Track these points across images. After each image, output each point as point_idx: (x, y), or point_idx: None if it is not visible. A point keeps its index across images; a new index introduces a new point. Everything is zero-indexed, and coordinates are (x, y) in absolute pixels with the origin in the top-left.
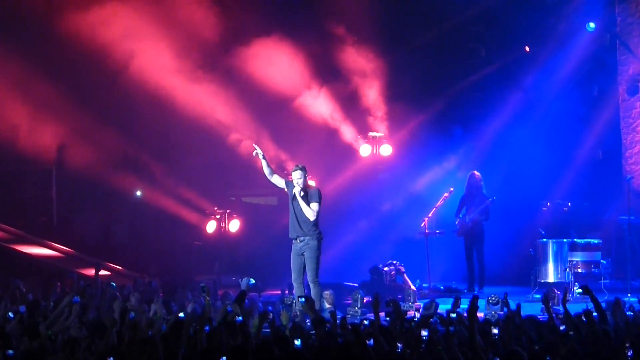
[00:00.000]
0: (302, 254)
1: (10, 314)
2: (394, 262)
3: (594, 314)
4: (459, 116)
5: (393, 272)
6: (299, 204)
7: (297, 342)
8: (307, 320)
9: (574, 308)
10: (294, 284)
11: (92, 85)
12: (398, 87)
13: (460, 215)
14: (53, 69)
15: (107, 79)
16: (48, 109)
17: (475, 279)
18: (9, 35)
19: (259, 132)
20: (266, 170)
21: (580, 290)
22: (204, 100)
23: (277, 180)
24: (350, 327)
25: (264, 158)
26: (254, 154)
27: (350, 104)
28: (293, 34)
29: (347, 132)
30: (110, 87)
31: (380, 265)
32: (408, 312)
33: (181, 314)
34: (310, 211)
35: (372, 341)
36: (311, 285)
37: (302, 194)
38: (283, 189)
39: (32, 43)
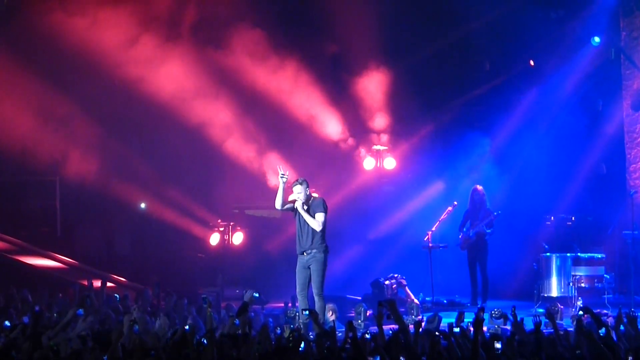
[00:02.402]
0: (308, 267)
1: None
2: (396, 275)
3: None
4: (462, 130)
5: (394, 285)
6: (303, 218)
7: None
8: (311, 333)
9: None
10: (298, 297)
11: (96, 96)
12: (402, 100)
13: (464, 229)
14: (58, 80)
15: (111, 90)
16: (52, 120)
17: (478, 292)
18: (15, 47)
19: (263, 145)
20: (280, 199)
21: (581, 312)
22: (209, 112)
23: (286, 207)
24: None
25: (284, 183)
26: (280, 175)
27: (354, 117)
28: (296, 46)
29: (351, 145)
30: (115, 98)
31: (382, 279)
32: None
33: (186, 327)
34: (315, 222)
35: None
36: (316, 299)
37: (305, 207)
38: (291, 212)
39: (37, 55)
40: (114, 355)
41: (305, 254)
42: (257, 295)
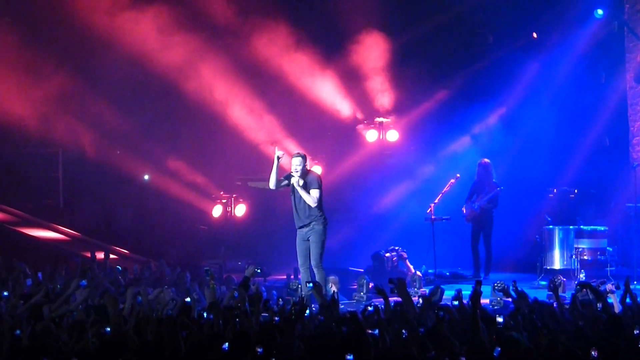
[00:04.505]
0: (308, 239)
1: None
2: (396, 248)
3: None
4: (466, 102)
5: (395, 258)
6: (299, 194)
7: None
8: (314, 305)
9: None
10: (301, 269)
11: (99, 69)
12: (405, 73)
13: (470, 202)
14: (62, 52)
15: (114, 62)
16: (55, 92)
17: (481, 265)
18: (20, 19)
19: (266, 117)
20: (274, 178)
21: (578, 287)
22: (210, 82)
23: (281, 182)
24: (349, 314)
25: (278, 160)
26: (278, 153)
27: (358, 89)
28: (299, 18)
29: (354, 118)
30: (119, 70)
31: (382, 252)
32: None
33: (187, 299)
34: (310, 198)
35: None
36: (315, 270)
37: (300, 182)
38: (287, 188)
39: (41, 27)
40: (116, 326)
41: (304, 227)
42: (259, 270)
